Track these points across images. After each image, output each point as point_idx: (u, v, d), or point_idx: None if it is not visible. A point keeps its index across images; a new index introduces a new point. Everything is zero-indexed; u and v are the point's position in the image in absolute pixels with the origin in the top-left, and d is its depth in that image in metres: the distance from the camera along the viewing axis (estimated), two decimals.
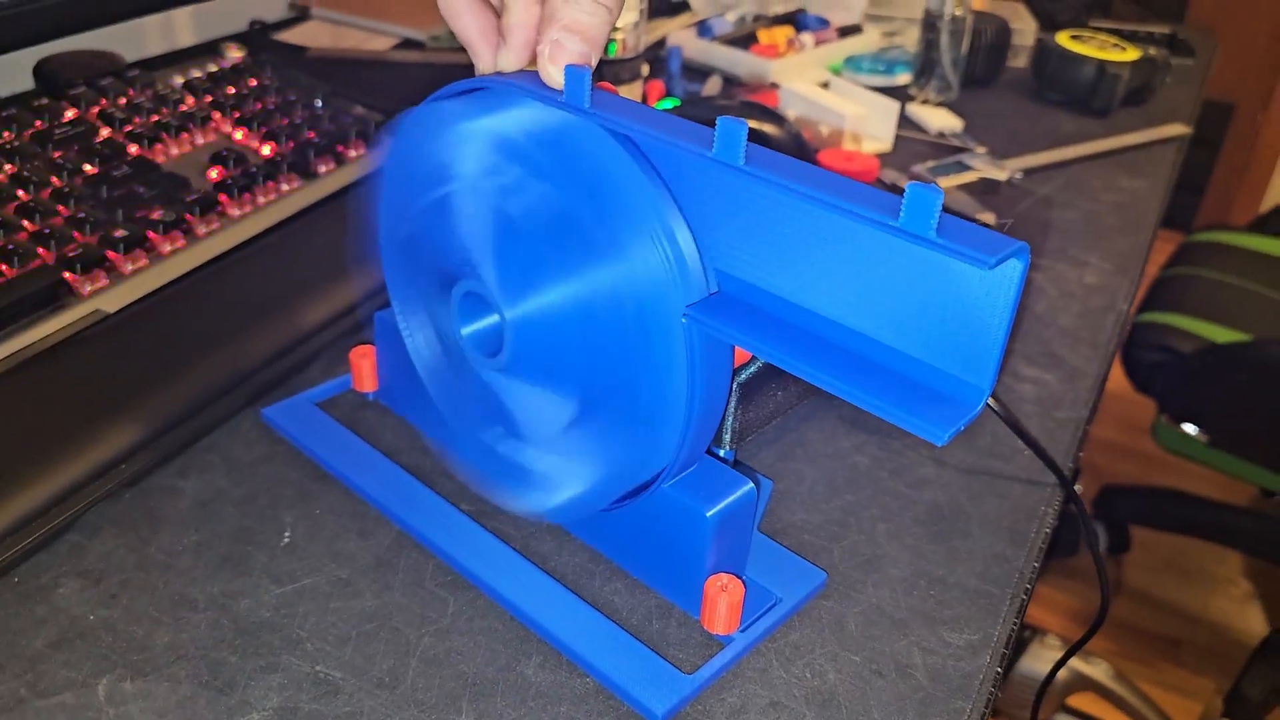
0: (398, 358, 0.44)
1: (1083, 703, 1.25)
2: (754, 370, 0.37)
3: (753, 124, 0.65)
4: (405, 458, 0.45)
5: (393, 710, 0.34)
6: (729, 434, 0.38)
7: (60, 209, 0.52)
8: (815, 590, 0.39)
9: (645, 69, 0.72)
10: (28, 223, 0.51)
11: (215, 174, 0.58)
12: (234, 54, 0.72)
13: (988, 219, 0.69)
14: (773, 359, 0.30)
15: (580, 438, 0.36)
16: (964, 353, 0.28)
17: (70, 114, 0.60)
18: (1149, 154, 0.84)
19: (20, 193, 0.53)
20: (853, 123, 0.75)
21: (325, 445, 0.44)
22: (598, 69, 0.35)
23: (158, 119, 0.61)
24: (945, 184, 0.74)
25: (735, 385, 0.37)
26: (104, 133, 0.60)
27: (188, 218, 0.53)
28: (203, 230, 0.53)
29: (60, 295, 0.47)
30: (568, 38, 0.34)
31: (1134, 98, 0.92)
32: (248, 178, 0.57)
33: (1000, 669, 0.37)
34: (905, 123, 0.85)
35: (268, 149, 0.61)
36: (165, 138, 0.60)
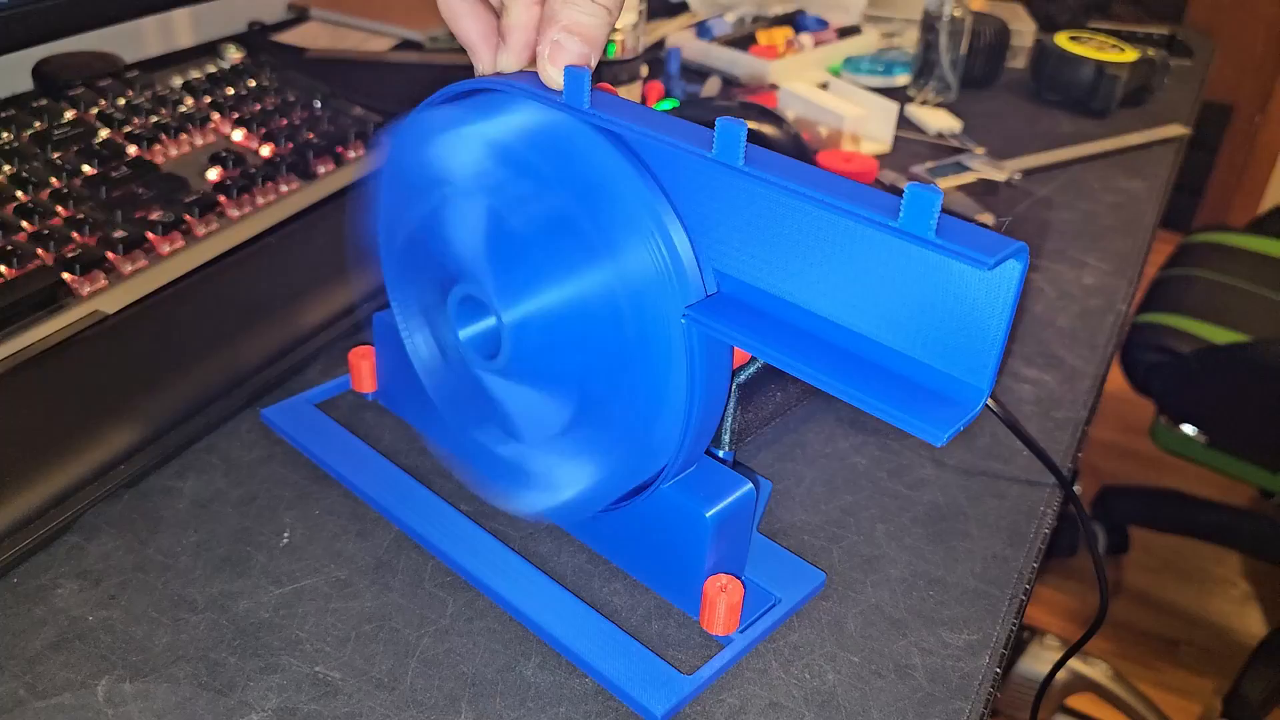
0: (397, 359, 0.44)
1: (1082, 703, 1.25)
2: (753, 371, 0.37)
3: (752, 125, 0.65)
4: (404, 458, 0.45)
5: (392, 711, 0.34)
6: (728, 435, 0.38)
7: (59, 210, 0.52)
8: (814, 591, 0.39)
9: (644, 70, 0.72)
10: (27, 224, 0.51)
11: (214, 175, 0.58)
12: (233, 55, 0.72)
13: (986, 220, 0.69)
14: (772, 360, 0.30)
15: (579, 439, 0.36)
16: (963, 353, 0.28)
17: (69, 115, 0.60)
18: (1147, 155, 0.84)
19: (19, 194, 0.53)
20: (852, 124, 0.75)
21: (324, 446, 0.44)
22: (597, 70, 0.35)
23: (157, 120, 0.61)
24: (944, 185, 0.74)
25: (734, 386, 0.37)
26: (103, 134, 0.60)
27: (187, 219, 0.53)
28: (202, 231, 0.53)
29: (59, 296, 0.47)
30: (567, 39, 0.34)
31: (1132, 99, 0.92)
32: (247, 179, 0.57)
33: (999, 669, 0.37)
34: (904, 124, 0.85)
35: (267, 150, 0.61)
36: (164, 139, 0.60)
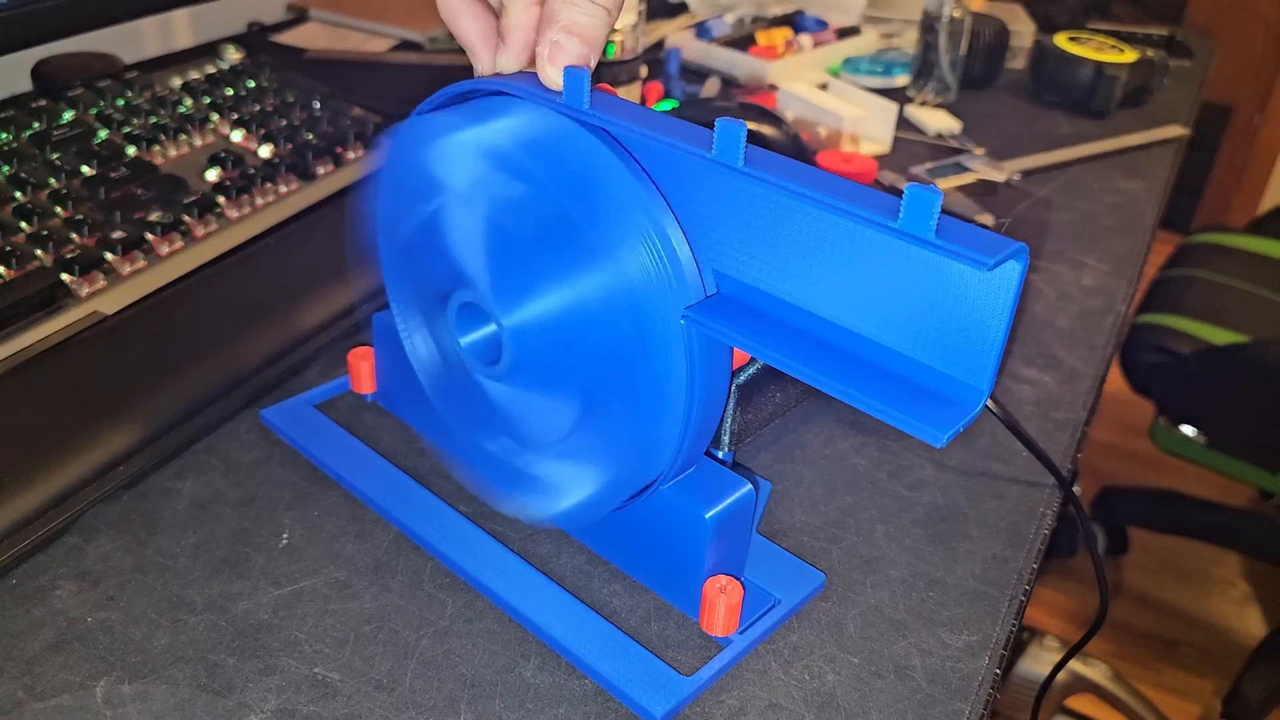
0: (396, 360, 0.44)
1: (1081, 704, 1.25)
2: (753, 372, 0.37)
3: (751, 125, 0.65)
4: (403, 459, 0.45)
5: (391, 712, 0.34)
6: (728, 435, 0.38)
7: (58, 211, 0.52)
8: (814, 592, 0.39)
9: (644, 70, 0.72)
10: (26, 224, 0.51)
11: (213, 176, 0.58)
12: (232, 56, 0.72)
13: (986, 220, 0.69)
14: (771, 360, 0.30)
15: (582, 442, 0.35)
16: (963, 354, 0.28)
17: (68, 115, 0.60)
18: (1147, 155, 0.84)
19: (18, 194, 0.53)
20: (851, 124, 0.75)
21: (323, 447, 0.44)
22: (596, 70, 0.35)
23: (156, 121, 0.61)
24: (944, 185, 0.74)
25: (734, 387, 0.37)
26: (102, 134, 0.60)
27: (186, 219, 0.53)
28: (201, 232, 0.53)
29: (58, 297, 0.47)
30: (567, 39, 0.33)
31: (1132, 99, 0.92)
32: (246, 179, 0.57)
33: (999, 670, 0.37)
34: (903, 124, 0.85)
35: (266, 151, 0.61)
36: (163, 139, 0.60)
